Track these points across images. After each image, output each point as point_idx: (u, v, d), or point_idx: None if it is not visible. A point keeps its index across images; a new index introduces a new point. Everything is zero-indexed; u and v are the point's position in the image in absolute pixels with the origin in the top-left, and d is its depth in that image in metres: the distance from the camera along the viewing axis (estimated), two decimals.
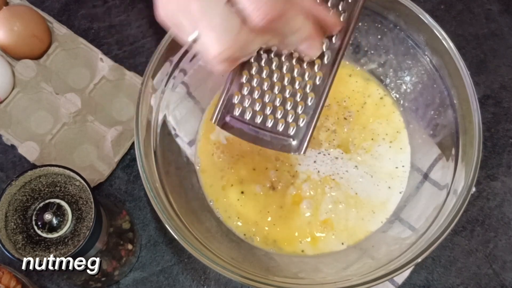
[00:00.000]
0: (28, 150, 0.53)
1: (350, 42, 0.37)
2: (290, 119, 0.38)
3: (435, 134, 0.50)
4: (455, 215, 0.41)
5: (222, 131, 0.40)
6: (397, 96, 0.54)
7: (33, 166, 0.50)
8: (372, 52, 0.53)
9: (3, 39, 0.55)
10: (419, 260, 0.40)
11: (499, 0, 0.63)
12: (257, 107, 0.39)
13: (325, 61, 0.38)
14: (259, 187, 0.50)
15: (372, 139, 0.52)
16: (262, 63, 0.39)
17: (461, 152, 0.45)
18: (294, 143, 0.38)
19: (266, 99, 0.39)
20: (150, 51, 0.60)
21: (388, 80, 0.54)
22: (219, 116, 0.39)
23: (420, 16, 0.46)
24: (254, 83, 0.39)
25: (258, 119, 0.39)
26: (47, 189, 0.43)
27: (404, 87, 0.53)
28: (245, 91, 0.39)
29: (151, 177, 0.43)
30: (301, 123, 0.38)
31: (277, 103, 0.39)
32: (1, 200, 0.41)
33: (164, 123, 0.48)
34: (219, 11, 0.31)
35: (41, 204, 0.42)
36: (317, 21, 0.35)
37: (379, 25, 0.51)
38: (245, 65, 0.39)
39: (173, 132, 0.50)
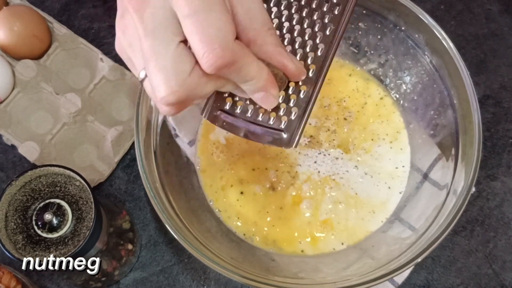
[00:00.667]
0: (28, 150, 0.53)
1: (344, 34, 0.36)
2: (281, 112, 0.37)
3: (435, 134, 0.50)
4: (455, 215, 0.41)
5: (222, 130, 0.40)
6: (397, 96, 0.54)
7: (33, 166, 0.50)
8: (372, 52, 0.53)
9: (3, 39, 0.55)
10: (419, 260, 0.40)
11: (499, 0, 0.63)
12: (248, 101, 0.37)
13: (319, 53, 0.37)
14: (258, 188, 0.50)
15: (372, 139, 0.52)
16: None
17: (461, 152, 0.45)
18: (285, 136, 0.37)
19: None
20: None
21: (388, 80, 0.54)
22: (209, 109, 0.39)
23: (420, 16, 0.46)
24: None
25: (249, 113, 0.37)
26: (47, 189, 0.43)
27: (404, 87, 0.53)
28: None
29: (151, 177, 0.43)
30: (293, 116, 0.36)
31: None
32: (1, 200, 0.41)
33: (164, 123, 0.48)
34: (170, 51, 0.29)
35: (41, 204, 0.42)
36: (277, 69, 0.33)
37: (379, 25, 0.51)
38: None
39: (173, 132, 0.50)
